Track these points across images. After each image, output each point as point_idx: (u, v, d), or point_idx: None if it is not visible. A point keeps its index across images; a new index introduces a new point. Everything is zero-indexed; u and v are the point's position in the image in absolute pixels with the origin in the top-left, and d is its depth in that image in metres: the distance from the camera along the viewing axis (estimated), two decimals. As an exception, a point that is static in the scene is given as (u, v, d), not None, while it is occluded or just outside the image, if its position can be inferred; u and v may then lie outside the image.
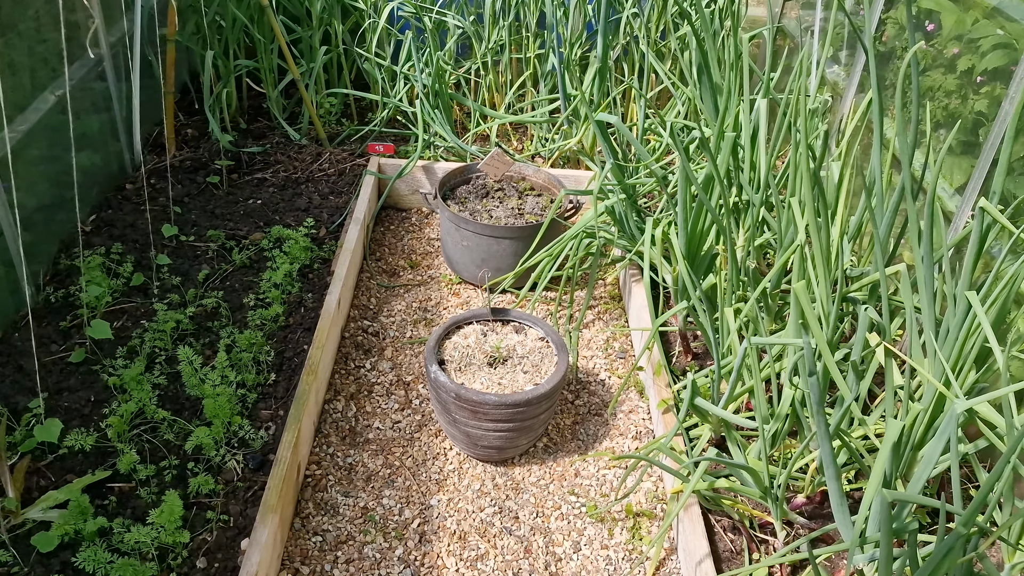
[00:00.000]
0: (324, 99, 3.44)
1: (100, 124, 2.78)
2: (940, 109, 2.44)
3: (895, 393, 1.69)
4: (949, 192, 2.30)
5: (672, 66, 3.44)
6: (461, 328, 2.19)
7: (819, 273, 1.76)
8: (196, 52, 3.23)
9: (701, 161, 2.64)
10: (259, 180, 3.04)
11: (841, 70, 3.08)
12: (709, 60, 2.39)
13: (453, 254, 2.71)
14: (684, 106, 2.98)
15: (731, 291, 2.04)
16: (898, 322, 2.07)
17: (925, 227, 1.62)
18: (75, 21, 2.62)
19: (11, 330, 2.20)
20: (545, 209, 2.73)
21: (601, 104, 3.05)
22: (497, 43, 3.40)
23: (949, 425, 1.27)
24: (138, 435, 1.94)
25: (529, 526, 1.97)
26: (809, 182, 1.67)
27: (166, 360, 2.16)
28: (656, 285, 2.47)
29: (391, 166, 3.10)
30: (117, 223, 2.67)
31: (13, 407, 1.96)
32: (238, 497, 1.84)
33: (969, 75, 2.30)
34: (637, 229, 2.44)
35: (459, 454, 2.15)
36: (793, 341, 1.42)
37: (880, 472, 1.28)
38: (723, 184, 1.92)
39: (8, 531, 1.67)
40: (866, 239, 2.51)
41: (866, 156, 2.65)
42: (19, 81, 2.32)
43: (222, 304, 2.37)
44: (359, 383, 2.34)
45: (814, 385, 1.22)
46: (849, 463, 1.81)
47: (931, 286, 1.64)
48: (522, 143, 3.51)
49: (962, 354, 1.58)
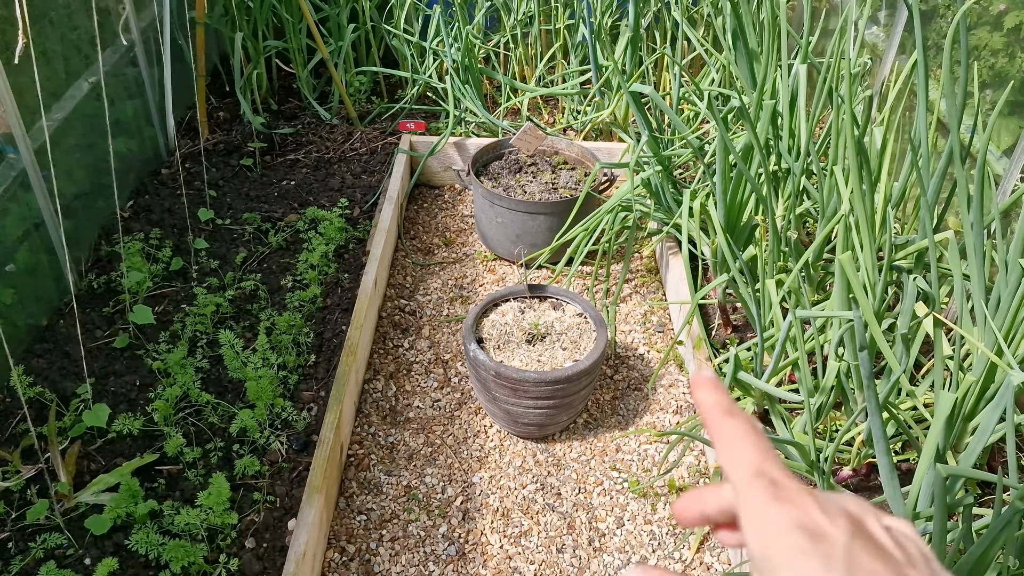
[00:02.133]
0: (353, 78, 3.42)
1: (134, 110, 2.80)
2: (986, 68, 2.36)
3: (944, 363, 1.65)
4: (996, 154, 2.23)
5: (705, 32, 3.37)
6: (498, 305, 2.18)
7: (864, 242, 1.72)
8: (225, 34, 3.23)
9: (737, 130, 2.59)
10: (292, 161, 3.05)
11: (880, 31, 2.99)
12: (744, 25, 2.33)
13: (487, 231, 2.69)
14: (719, 73, 2.92)
15: (772, 262, 2.01)
16: (945, 290, 2.02)
17: (975, 191, 1.57)
18: (105, 7, 2.63)
19: (56, 317, 2.23)
20: (579, 183, 2.70)
21: (634, 74, 3.00)
22: (526, 15, 3.36)
23: (1005, 396, 1.24)
24: (183, 418, 1.97)
25: (572, 502, 1.98)
26: (853, 149, 1.62)
27: (207, 344, 2.18)
28: (694, 257, 2.43)
29: (423, 143, 3.09)
30: (155, 208, 2.70)
31: (62, 393, 1.99)
32: (283, 478, 1.86)
33: (1017, 32, 2.22)
34: (674, 201, 2.41)
35: (499, 431, 2.15)
36: (840, 314, 1.39)
37: (933, 446, 1.26)
38: (763, 153, 1.88)
39: (62, 515, 1.71)
40: (909, 205, 2.45)
41: (909, 120, 2.58)
42: (53, 69, 2.34)
43: (260, 287, 2.38)
44: (398, 362, 2.35)
45: (864, 360, 1.19)
46: (897, 435, 1.77)
47: (981, 252, 1.59)
48: (553, 116, 3.47)
49: (1015, 322, 1.53)
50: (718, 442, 0.39)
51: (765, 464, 0.36)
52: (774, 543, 0.33)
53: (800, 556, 0.33)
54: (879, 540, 0.34)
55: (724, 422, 0.39)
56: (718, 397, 0.40)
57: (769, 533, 0.34)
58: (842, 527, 0.33)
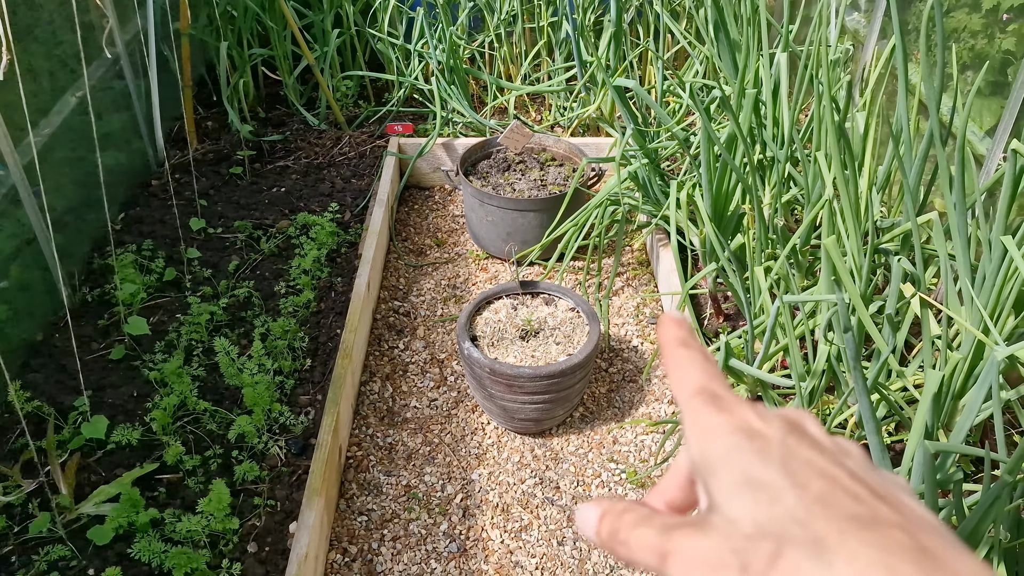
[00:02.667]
0: (340, 83, 3.43)
1: (122, 122, 2.80)
2: (966, 50, 2.38)
3: (932, 343, 1.67)
4: (979, 135, 2.25)
5: (688, 25, 3.38)
6: (491, 303, 2.19)
7: (849, 226, 1.73)
8: (210, 44, 3.24)
9: (722, 120, 2.61)
10: (281, 168, 3.06)
11: (861, 16, 3.01)
12: (725, 16, 2.35)
13: (478, 230, 2.71)
14: (702, 65, 2.93)
15: (760, 250, 2.03)
16: (932, 271, 2.04)
17: (956, 172, 1.59)
18: (90, 22, 2.63)
19: (51, 331, 2.24)
20: (568, 179, 2.72)
21: (618, 69, 3.02)
22: (509, 14, 3.37)
23: (990, 373, 1.26)
24: (181, 427, 1.98)
25: (571, 495, 1.99)
26: (835, 134, 1.64)
27: (203, 352, 2.19)
28: (684, 248, 2.45)
29: (411, 145, 3.10)
30: (146, 220, 2.70)
31: (59, 406, 2.00)
32: (283, 482, 1.88)
33: (995, 13, 2.24)
34: (662, 193, 2.42)
35: (497, 428, 2.17)
36: (826, 297, 1.41)
37: (921, 424, 1.27)
38: (746, 142, 1.89)
39: (64, 527, 1.72)
40: (895, 188, 2.47)
41: (891, 104, 2.60)
42: (40, 85, 2.35)
43: (254, 293, 2.40)
44: (393, 363, 2.36)
45: (849, 341, 1.21)
46: (889, 416, 1.79)
47: (965, 232, 1.61)
48: (540, 113, 3.48)
49: (1000, 300, 1.55)
50: (670, 370, 0.39)
51: (709, 383, 0.37)
52: (712, 446, 0.34)
53: (736, 453, 0.33)
54: (815, 436, 0.35)
55: (678, 351, 0.39)
56: (677, 333, 0.40)
57: (707, 438, 0.34)
58: (777, 426, 0.34)
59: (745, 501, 0.32)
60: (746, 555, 0.30)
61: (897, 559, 0.28)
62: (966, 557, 0.29)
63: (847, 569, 0.28)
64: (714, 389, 0.37)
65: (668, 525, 0.34)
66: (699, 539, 0.32)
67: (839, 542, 0.29)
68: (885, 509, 0.31)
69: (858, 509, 0.30)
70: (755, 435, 0.34)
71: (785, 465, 0.32)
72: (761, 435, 0.34)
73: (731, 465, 0.33)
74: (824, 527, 0.30)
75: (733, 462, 0.33)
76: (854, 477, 0.32)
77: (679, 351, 0.39)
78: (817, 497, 0.31)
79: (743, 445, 0.33)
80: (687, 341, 0.40)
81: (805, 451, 0.33)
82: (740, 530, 0.31)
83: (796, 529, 0.30)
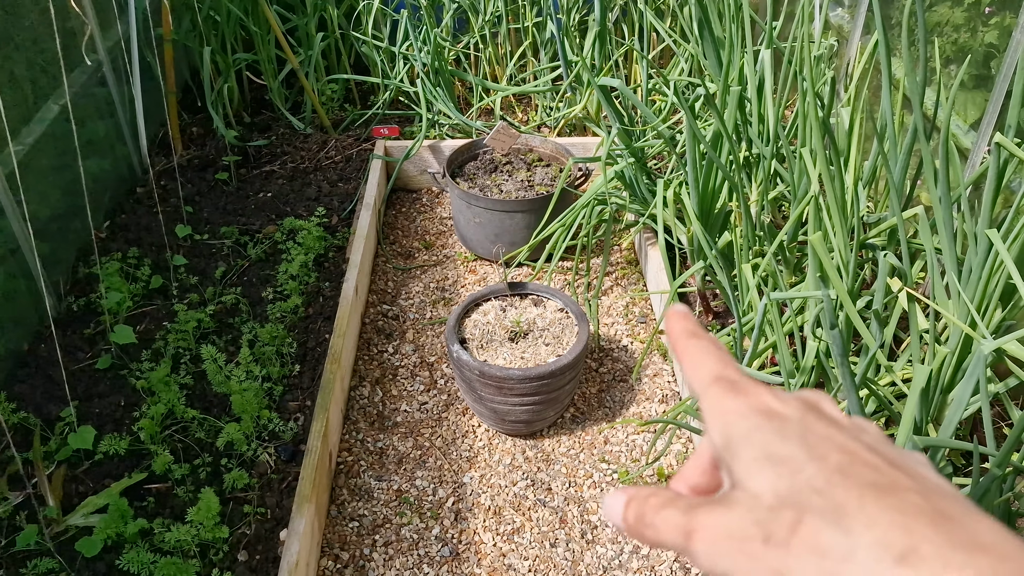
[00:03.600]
0: (325, 86, 3.42)
1: (106, 129, 2.78)
2: (949, 44, 2.38)
3: (920, 337, 1.67)
4: (963, 128, 2.26)
5: (672, 23, 3.39)
6: (480, 305, 2.19)
7: (835, 222, 1.73)
8: (194, 49, 3.23)
9: (708, 118, 2.61)
10: (267, 173, 3.04)
11: (845, 12, 3.02)
12: (709, 13, 2.35)
13: (466, 231, 2.70)
14: (687, 63, 2.94)
15: (747, 247, 2.02)
16: (919, 265, 2.04)
17: (940, 166, 1.59)
18: (71, 28, 2.61)
19: (37, 342, 2.22)
20: (555, 179, 2.71)
21: (603, 68, 3.02)
22: (494, 14, 3.37)
23: (977, 366, 1.26)
24: (170, 436, 1.96)
25: (563, 496, 1.99)
26: (819, 130, 1.64)
27: (191, 359, 2.18)
28: (672, 247, 2.45)
29: (397, 148, 3.09)
30: (131, 227, 2.69)
31: (46, 417, 1.99)
32: (273, 489, 1.86)
33: (977, 6, 2.25)
34: (649, 192, 2.42)
35: (488, 431, 2.16)
36: (812, 294, 1.41)
37: (910, 418, 1.27)
38: (731, 140, 1.89)
39: (52, 539, 1.71)
40: (881, 183, 2.47)
41: (876, 99, 2.61)
42: (21, 93, 2.33)
43: (241, 300, 2.38)
44: (383, 368, 2.35)
45: (836, 338, 1.21)
46: (878, 411, 1.79)
47: (951, 226, 1.61)
48: (527, 114, 3.48)
49: (986, 293, 1.55)
50: (684, 361, 0.40)
51: (725, 370, 0.38)
52: (733, 428, 0.35)
53: (756, 432, 0.34)
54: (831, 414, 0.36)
55: (689, 343, 0.40)
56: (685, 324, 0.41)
57: (727, 421, 0.35)
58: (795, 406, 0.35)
59: (767, 475, 0.33)
60: (768, 525, 0.31)
61: (915, 521, 0.29)
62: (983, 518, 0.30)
63: (866, 532, 0.29)
64: (730, 376, 0.38)
65: (692, 505, 0.35)
66: (722, 514, 0.33)
67: (858, 508, 0.30)
68: (903, 477, 0.31)
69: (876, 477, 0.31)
70: (774, 415, 0.35)
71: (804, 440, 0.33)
72: (780, 415, 0.35)
73: (752, 443, 0.34)
74: (843, 495, 0.31)
75: (754, 440, 0.34)
76: (872, 450, 0.33)
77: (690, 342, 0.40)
78: (836, 468, 0.32)
79: (763, 424, 0.34)
80: (696, 331, 0.41)
81: (823, 428, 0.34)
82: (762, 503, 0.32)
83: (816, 498, 0.31)
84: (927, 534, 0.29)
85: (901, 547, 0.28)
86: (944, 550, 0.28)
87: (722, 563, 0.33)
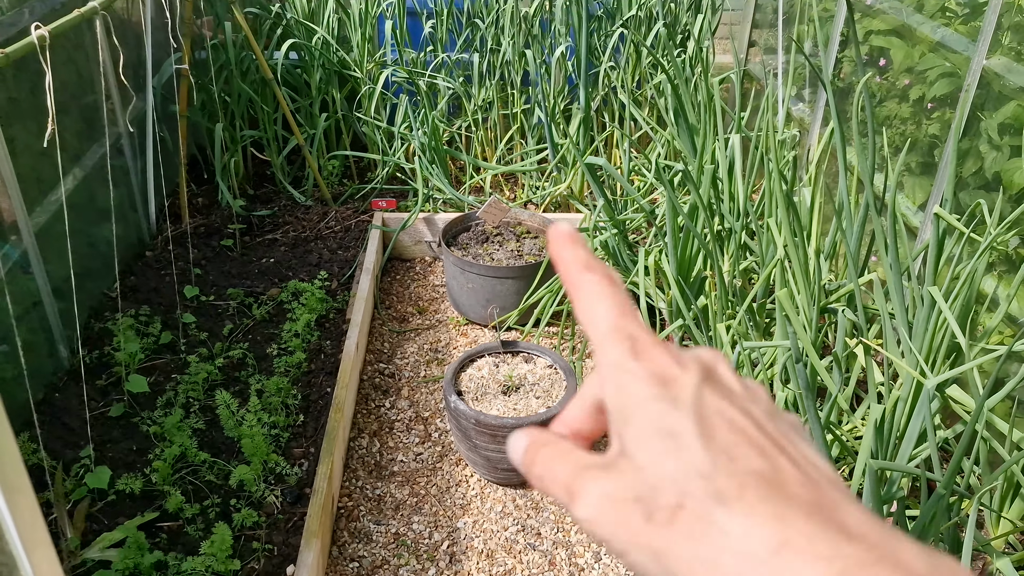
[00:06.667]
0: (326, 162, 3.65)
1: (120, 197, 2.96)
2: (898, 135, 2.66)
3: (876, 389, 1.86)
4: (913, 210, 2.51)
5: (649, 112, 3.68)
6: (475, 361, 2.35)
7: (799, 286, 1.94)
8: (203, 125, 3.44)
9: (683, 196, 2.85)
10: (270, 241, 3.22)
11: (806, 106, 3.32)
12: (684, 104, 2.61)
13: (459, 296, 2.88)
14: (664, 147, 3.20)
15: (722, 311, 2.22)
16: (876, 330, 2.25)
17: (890, 238, 1.81)
18: (95, 103, 2.82)
19: (51, 391, 2.34)
20: (542, 250, 2.92)
21: (587, 150, 3.27)
22: (485, 101, 3.64)
23: (924, 404, 1.44)
24: (181, 477, 2.07)
25: (551, 541, 2.11)
26: (784, 203, 1.86)
27: (200, 409, 2.30)
28: (652, 310, 2.64)
29: (394, 220, 3.30)
30: (141, 288, 2.83)
31: (61, 460, 2.09)
32: (279, 528, 1.97)
33: (921, 103, 2.54)
34: (630, 261, 2.63)
35: (480, 480, 2.29)
36: (780, 343, 1.60)
37: (867, 450, 1.44)
38: (707, 212, 2.11)
39: (68, 572, 1.80)
40: (841, 260, 2.71)
41: (835, 182, 2.87)
42: (49, 160, 2.50)
43: (248, 355, 2.52)
44: (380, 421, 2.49)
45: (801, 372, 1.39)
46: (841, 457, 1.96)
47: (900, 290, 1.82)
48: (514, 192, 3.72)
49: (932, 347, 1.75)
50: (575, 298, 0.38)
51: (622, 319, 0.36)
52: (627, 392, 0.34)
53: (651, 401, 0.33)
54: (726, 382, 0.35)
55: (582, 276, 0.38)
56: (576, 252, 0.38)
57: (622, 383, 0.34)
58: (693, 372, 0.34)
59: (655, 449, 0.32)
60: (649, 504, 0.31)
61: (791, 512, 0.29)
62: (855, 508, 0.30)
63: (743, 522, 0.29)
64: (630, 329, 0.36)
65: (581, 465, 0.34)
66: (606, 482, 0.33)
67: (738, 497, 0.30)
68: (786, 464, 0.32)
69: (760, 464, 0.31)
70: (670, 382, 0.34)
71: (696, 414, 0.32)
72: (676, 382, 0.34)
73: (645, 412, 0.33)
74: (726, 483, 0.30)
75: (648, 410, 0.33)
76: (760, 428, 0.33)
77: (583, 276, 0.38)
78: (723, 449, 0.31)
79: (658, 394, 0.33)
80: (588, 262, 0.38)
81: (716, 400, 0.33)
82: (646, 479, 0.32)
83: (699, 483, 0.31)
84: (801, 526, 0.29)
85: (776, 539, 0.29)
86: (815, 542, 0.29)
87: (600, 531, 0.33)
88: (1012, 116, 2.08)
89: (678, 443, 0.32)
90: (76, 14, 2.07)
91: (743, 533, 0.29)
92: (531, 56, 3.44)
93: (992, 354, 1.57)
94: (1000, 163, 2.10)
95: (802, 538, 0.29)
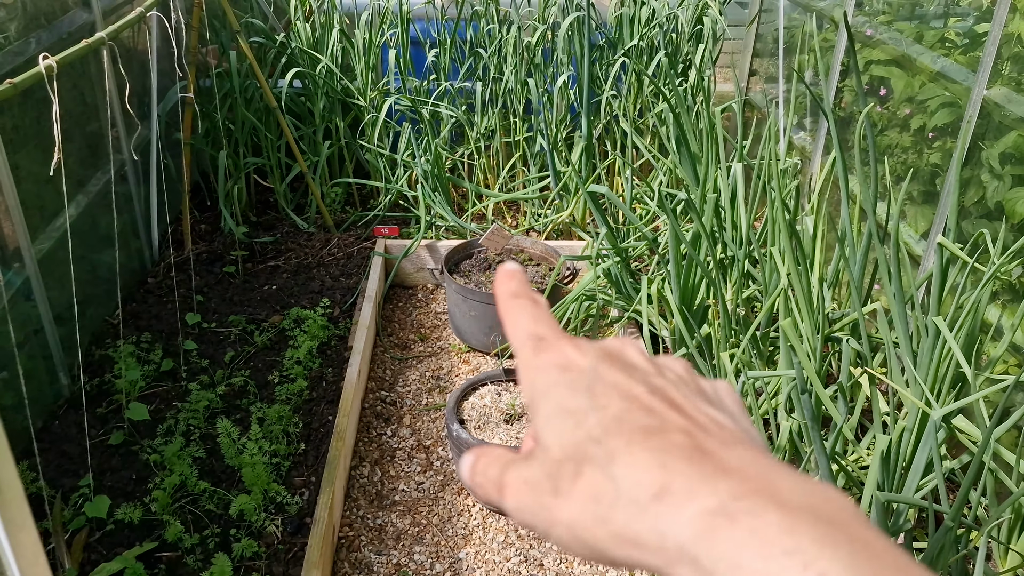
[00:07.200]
0: (329, 189, 3.66)
1: (122, 224, 2.97)
2: (899, 164, 2.67)
3: (882, 419, 1.85)
4: (915, 238, 2.51)
5: (651, 140, 3.70)
6: (477, 389, 2.34)
7: (803, 314, 1.94)
8: (207, 152, 3.46)
9: (685, 224, 2.85)
10: (272, 267, 3.22)
11: (807, 135, 3.34)
12: (686, 132, 2.63)
13: (461, 324, 2.87)
14: (666, 175, 3.21)
15: (725, 339, 2.21)
16: (880, 359, 2.24)
17: (893, 267, 1.81)
18: (98, 131, 2.83)
19: (51, 419, 2.33)
20: (544, 277, 2.92)
21: (588, 178, 3.28)
22: (488, 129, 3.66)
23: (930, 435, 1.43)
24: (181, 507, 2.05)
25: (554, 572, 2.09)
26: (786, 231, 1.86)
27: (200, 437, 2.29)
28: (655, 338, 2.64)
29: (396, 247, 3.30)
30: (143, 315, 2.83)
31: (60, 489, 2.07)
32: (279, 559, 1.95)
33: (922, 132, 2.55)
34: (632, 289, 2.63)
35: (482, 510, 2.27)
36: (785, 373, 1.59)
37: (873, 481, 1.43)
38: (710, 239, 2.12)
39: (66, 603, 1.78)
40: (844, 289, 2.70)
41: (837, 211, 2.87)
42: (54, 187, 2.51)
43: (249, 382, 2.51)
44: (382, 449, 2.47)
45: (806, 402, 1.38)
46: (847, 488, 1.95)
47: (904, 319, 1.82)
48: (516, 219, 3.72)
49: (937, 377, 1.74)
50: (504, 321, 0.41)
51: (535, 326, 0.39)
52: (534, 384, 0.36)
53: (553, 388, 0.35)
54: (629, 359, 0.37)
55: (511, 302, 0.41)
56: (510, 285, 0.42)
57: (531, 378, 0.36)
58: (590, 355, 0.36)
59: (557, 429, 0.34)
60: (555, 478, 0.33)
61: (672, 458, 0.31)
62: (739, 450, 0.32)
63: (626, 472, 0.31)
64: (540, 332, 0.38)
65: (507, 461, 0.36)
66: (523, 469, 0.35)
67: (626, 452, 0.31)
68: (675, 416, 0.33)
69: (648, 421, 0.33)
70: (570, 367, 0.36)
71: (591, 390, 0.34)
72: (575, 366, 0.36)
73: (548, 398, 0.35)
74: (615, 442, 0.32)
75: (550, 395, 0.35)
76: (654, 392, 0.34)
77: (512, 302, 0.41)
78: (615, 416, 0.33)
79: (559, 379, 0.35)
80: (518, 291, 0.41)
81: (613, 375, 0.35)
82: (552, 456, 0.34)
83: (594, 448, 0.32)
84: (681, 469, 0.30)
85: (657, 485, 0.30)
86: (693, 482, 0.30)
87: (524, 517, 0.34)
88: (1013, 146, 2.09)
89: (576, 419, 0.34)
90: (84, 44, 2.08)
91: (630, 483, 0.31)
92: (533, 85, 3.47)
93: (998, 384, 1.56)
94: (1002, 192, 2.10)
95: (681, 479, 0.30)
